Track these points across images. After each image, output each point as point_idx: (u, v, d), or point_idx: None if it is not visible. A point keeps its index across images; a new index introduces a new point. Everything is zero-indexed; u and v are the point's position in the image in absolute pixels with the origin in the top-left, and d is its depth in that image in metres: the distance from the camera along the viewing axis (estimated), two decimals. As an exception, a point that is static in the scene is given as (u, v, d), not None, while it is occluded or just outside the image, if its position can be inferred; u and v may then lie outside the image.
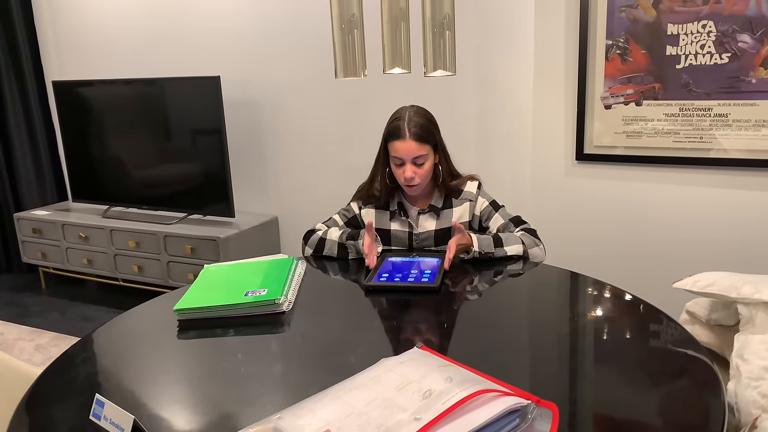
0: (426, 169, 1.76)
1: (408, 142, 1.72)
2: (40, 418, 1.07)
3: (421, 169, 1.75)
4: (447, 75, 1.48)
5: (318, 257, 1.85)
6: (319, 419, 0.88)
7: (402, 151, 1.73)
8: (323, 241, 1.80)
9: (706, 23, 2.17)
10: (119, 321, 1.49)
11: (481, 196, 1.86)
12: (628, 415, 0.99)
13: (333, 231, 1.82)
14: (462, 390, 0.89)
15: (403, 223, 1.87)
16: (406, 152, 1.72)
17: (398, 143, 1.73)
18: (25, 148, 4.01)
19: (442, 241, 1.84)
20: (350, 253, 1.79)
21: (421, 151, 1.73)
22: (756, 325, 1.30)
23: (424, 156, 1.74)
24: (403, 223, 1.87)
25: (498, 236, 1.75)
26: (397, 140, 1.73)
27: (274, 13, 3.15)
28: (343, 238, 1.79)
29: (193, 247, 3.17)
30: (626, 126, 2.39)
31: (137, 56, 3.62)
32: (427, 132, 1.75)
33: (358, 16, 1.47)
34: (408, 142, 1.72)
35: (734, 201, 2.27)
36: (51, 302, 3.63)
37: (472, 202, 1.85)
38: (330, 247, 1.79)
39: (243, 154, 3.46)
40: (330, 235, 1.80)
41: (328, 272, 1.76)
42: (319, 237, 1.81)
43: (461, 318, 1.42)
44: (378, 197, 1.88)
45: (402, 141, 1.72)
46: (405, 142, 1.72)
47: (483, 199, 1.85)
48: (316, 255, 1.84)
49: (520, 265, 1.73)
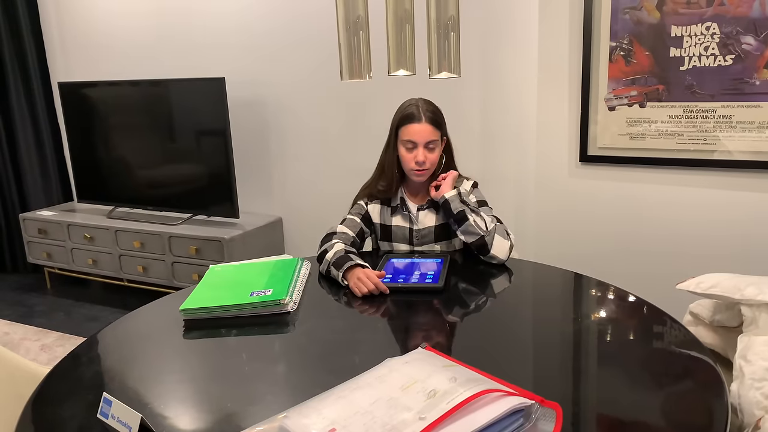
0: (435, 156, 1.81)
1: (423, 125, 1.77)
2: (48, 416, 1.08)
3: (432, 154, 1.80)
4: (452, 77, 1.49)
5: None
6: (324, 418, 0.89)
7: (417, 133, 1.78)
8: (324, 254, 1.74)
9: (710, 25, 2.18)
10: (125, 321, 1.50)
11: (473, 194, 1.88)
12: (632, 416, 0.99)
13: (336, 247, 1.74)
14: (466, 390, 0.90)
15: (404, 218, 1.88)
16: (421, 135, 1.77)
17: (414, 125, 1.78)
18: (31, 149, 4.03)
19: (442, 237, 1.86)
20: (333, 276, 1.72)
21: (434, 135, 1.79)
22: (759, 327, 1.30)
23: (436, 141, 1.80)
24: (404, 218, 1.88)
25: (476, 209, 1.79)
26: (413, 122, 1.78)
27: (279, 14, 3.16)
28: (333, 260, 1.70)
29: (198, 248, 3.18)
30: (630, 127, 2.39)
31: (142, 58, 3.64)
32: (439, 119, 1.82)
33: (363, 17, 1.48)
34: (423, 124, 1.77)
35: (738, 202, 2.27)
36: (56, 302, 3.64)
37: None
38: (323, 267, 1.73)
39: (247, 154, 3.47)
40: (330, 252, 1.73)
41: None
42: (324, 248, 1.76)
43: (465, 318, 1.43)
44: (384, 191, 1.89)
45: (418, 123, 1.77)
46: (421, 124, 1.77)
47: (474, 198, 1.87)
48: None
49: (522, 266, 1.73)
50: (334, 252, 1.71)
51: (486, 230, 1.74)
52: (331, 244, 1.77)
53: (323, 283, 1.70)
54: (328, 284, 1.69)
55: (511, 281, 1.66)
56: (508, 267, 1.72)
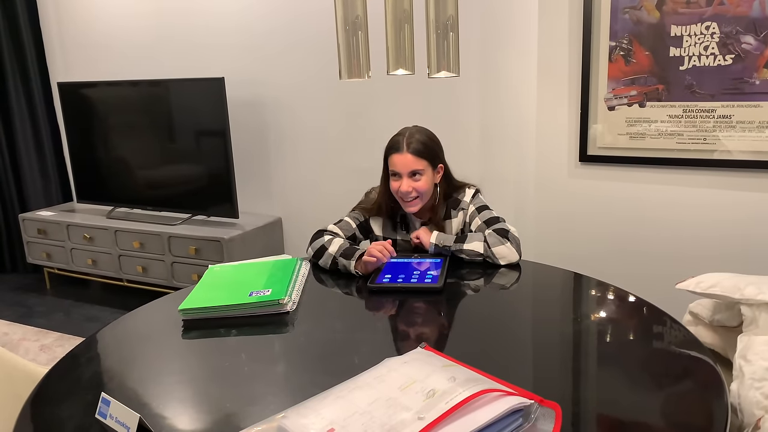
0: (423, 184, 1.78)
1: (404, 155, 1.76)
2: (47, 416, 1.08)
3: (417, 183, 1.77)
4: (451, 76, 1.48)
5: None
6: (322, 418, 0.88)
7: (399, 164, 1.77)
8: (324, 250, 1.77)
9: (710, 24, 2.17)
10: (124, 321, 1.50)
11: (472, 203, 1.87)
12: (631, 416, 0.99)
13: (336, 242, 1.77)
14: (465, 390, 0.89)
15: (408, 234, 1.89)
16: (403, 165, 1.77)
17: (396, 156, 1.78)
18: (30, 150, 4.03)
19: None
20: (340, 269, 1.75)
21: (418, 165, 1.77)
22: (759, 326, 1.30)
23: (421, 171, 1.78)
24: (408, 234, 1.89)
25: (463, 236, 1.78)
26: (395, 153, 1.78)
27: (279, 14, 3.16)
28: (339, 252, 1.74)
29: (198, 248, 3.18)
30: (630, 127, 2.39)
31: (142, 58, 3.64)
32: (425, 148, 1.79)
33: (362, 17, 1.47)
34: (404, 155, 1.76)
35: (738, 202, 2.27)
36: (55, 303, 3.64)
37: (464, 210, 1.88)
38: (325, 260, 1.76)
39: (247, 155, 3.46)
40: (331, 246, 1.76)
41: (332, 273, 1.77)
42: (322, 244, 1.79)
43: (464, 318, 1.42)
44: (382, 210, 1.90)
45: (399, 154, 1.77)
46: (402, 155, 1.77)
47: (472, 207, 1.87)
48: (313, 261, 1.82)
49: (521, 267, 1.73)
50: (338, 245, 1.75)
51: (484, 249, 1.73)
52: (329, 240, 1.78)
53: (322, 283, 1.70)
54: (327, 284, 1.69)
55: (510, 281, 1.65)
56: (507, 267, 1.72)
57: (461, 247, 1.75)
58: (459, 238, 1.77)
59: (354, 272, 1.70)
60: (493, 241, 1.73)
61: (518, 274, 1.69)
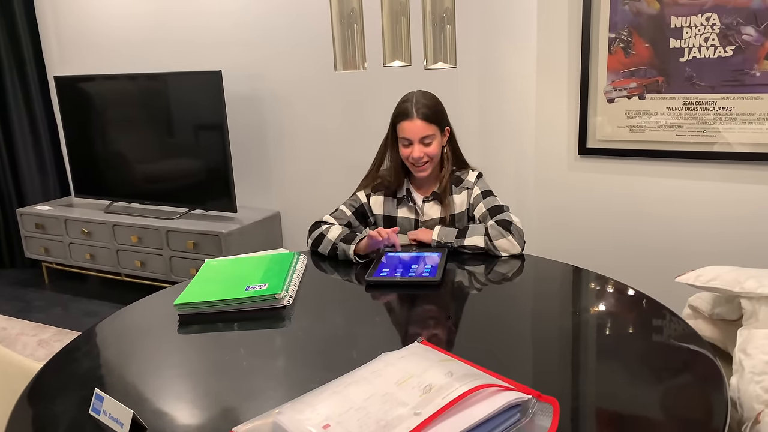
0: (433, 149, 1.81)
1: (414, 122, 1.78)
2: (41, 411, 1.07)
3: (428, 148, 1.80)
4: (447, 67, 1.47)
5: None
6: (318, 414, 0.87)
7: (410, 130, 1.78)
8: (322, 237, 1.80)
9: (710, 16, 2.16)
10: (120, 315, 1.49)
11: (477, 185, 1.88)
12: (630, 410, 0.98)
13: (334, 229, 1.81)
14: (462, 385, 0.88)
15: (410, 210, 1.90)
16: (414, 132, 1.78)
17: (406, 123, 1.79)
18: (28, 144, 4.01)
19: None
20: (339, 255, 1.77)
21: (428, 130, 1.79)
22: (759, 320, 1.29)
23: (431, 136, 1.80)
24: (410, 210, 1.90)
25: (464, 229, 1.78)
26: (406, 120, 1.79)
27: (276, 8, 3.14)
28: (338, 238, 1.78)
29: (196, 242, 3.17)
30: (629, 120, 2.38)
31: (139, 51, 3.62)
32: (434, 113, 1.81)
33: (357, 10, 1.46)
34: (414, 121, 1.78)
35: (738, 195, 2.26)
36: (54, 297, 3.64)
37: (469, 190, 1.88)
38: (325, 246, 1.79)
39: (245, 149, 3.45)
40: (330, 233, 1.80)
41: (330, 267, 1.76)
42: (320, 232, 1.81)
43: (462, 312, 1.42)
44: (387, 184, 1.91)
45: (410, 120, 1.78)
46: (412, 121, 1.78)
47: (478, 189, 1.87)
48: (314, 250, 1.84)
49: (520, 260, 1.72)
50: (338, 232, 1.79)
51: (485, 243, 1.73)
52: (327, 228, 1.82)
53: (320, 277, 1.69)
54: (325, 278, 1.68)
55: (509, 275, 1.64)
56: (506, 260, 1.71)
57: (463, 243, 1.75)
58: (460, 232, 1.76)
59: (353, 258, 1.72)
60: (494, 234, 1.73)
61: (517, 266, 1.68)
